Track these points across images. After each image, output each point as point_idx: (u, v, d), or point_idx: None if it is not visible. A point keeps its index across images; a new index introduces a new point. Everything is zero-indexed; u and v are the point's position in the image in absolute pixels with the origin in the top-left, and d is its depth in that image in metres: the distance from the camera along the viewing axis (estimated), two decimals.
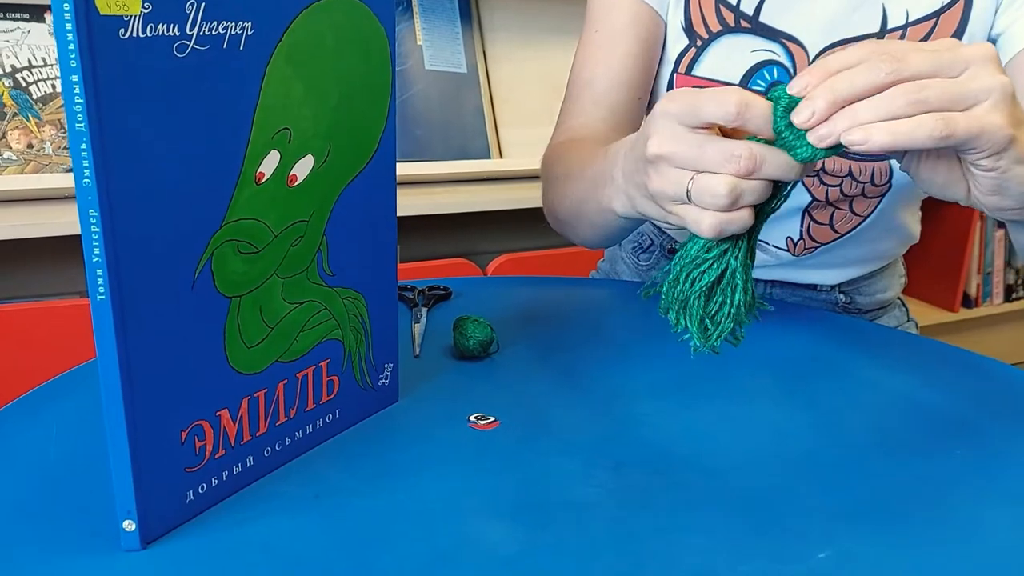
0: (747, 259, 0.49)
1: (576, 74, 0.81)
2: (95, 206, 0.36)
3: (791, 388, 0.63)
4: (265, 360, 0.47)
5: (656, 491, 0.49)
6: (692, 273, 0.48)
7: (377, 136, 0.52)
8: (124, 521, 0.41)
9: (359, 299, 0.53)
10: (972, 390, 0.65)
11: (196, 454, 0.44)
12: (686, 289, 0.49)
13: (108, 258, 0.37)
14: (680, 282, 0.49)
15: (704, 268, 0.48)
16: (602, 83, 0.78)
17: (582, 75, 0.80)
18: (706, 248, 0.48)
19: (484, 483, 0.49)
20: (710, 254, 0.48)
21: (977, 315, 2.18)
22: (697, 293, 0.48)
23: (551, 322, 0.76)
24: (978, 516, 0.48)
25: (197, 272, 0.42)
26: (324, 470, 0.50)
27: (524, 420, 0.57)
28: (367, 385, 0.55)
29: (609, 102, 0.78)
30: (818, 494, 0.49)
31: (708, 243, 0.48)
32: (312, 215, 0.48)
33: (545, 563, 0.42)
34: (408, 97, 1.43)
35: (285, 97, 0.44)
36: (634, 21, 0.77)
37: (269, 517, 0.45)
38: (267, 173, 0.44)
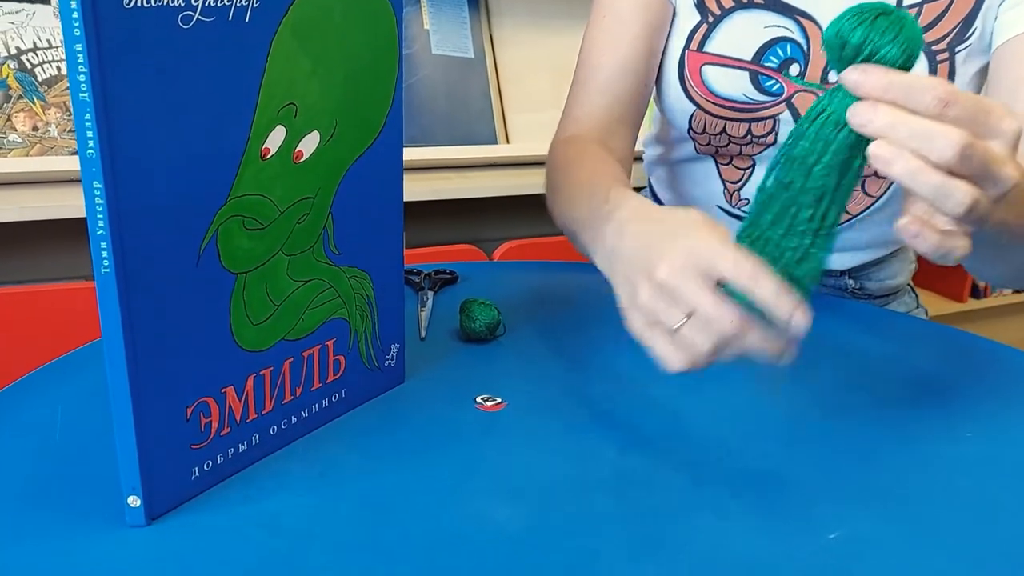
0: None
1: (583, 60, 0.81)
2: (99, 178, 0.36)
3: (800, 372, 0.63)
4: (271, 338, 0.47)
5: (663, 471, 0.48)
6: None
7: (383, 114, 0.51)
8: (129, 497, 0.41)
9: (365, 278, 0.53)
10: (982, 375, 0.64)
11: (201, 431, 0.43)
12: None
13: (112, 231, 0.37)
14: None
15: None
16: (607, 70, 0.78)
17: (588, 61, 0.80)
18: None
19: (491, 463, 0.48)
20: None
21: (986, 305, 2.17)
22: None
23: (558, 306, 0.75)
24: (987, 498, 0.47)
25: (202, 247, 0.41)
26: (330, 449, 0.49)
27: (531, 401, 0.56)
28: (373, 365, 0.55)
29: (614, 90, 0.78)
30: (827, 475, 0.49)
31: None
32: (318, 192, 0.48)
33: (551, 541, 0.41)
34: (414, 82, 1.42)
35: (291, 72, 0.44)
36: (643, 7, 0.76)
37: (275, 494, 0.45)
38: (273, 148, 0.44)
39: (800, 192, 0.44)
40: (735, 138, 0.78)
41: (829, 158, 0.43)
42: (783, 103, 0.75)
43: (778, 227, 0.46)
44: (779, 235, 0.45)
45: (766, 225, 0.46)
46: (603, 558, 0.40)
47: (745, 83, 0.74)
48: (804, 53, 0.74)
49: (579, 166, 0.71)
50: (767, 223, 0.46)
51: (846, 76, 0.41)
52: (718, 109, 0.76)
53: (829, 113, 0.43)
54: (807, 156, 0.43)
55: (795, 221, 0.45)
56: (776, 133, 0.76)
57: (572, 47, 0.85)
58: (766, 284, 0.43)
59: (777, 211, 0.45)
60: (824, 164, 0.43)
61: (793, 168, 0.44)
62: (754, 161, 0.80)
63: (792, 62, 0.74)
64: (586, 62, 0.80)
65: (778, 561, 0.41)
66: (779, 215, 0.45)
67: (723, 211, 0.84)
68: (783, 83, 0.74)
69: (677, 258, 0.46)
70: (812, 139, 0.43)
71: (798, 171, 0.44)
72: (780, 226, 0.45)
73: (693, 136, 0.80)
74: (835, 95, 0.43)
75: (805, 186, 0.44)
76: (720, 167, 0.83)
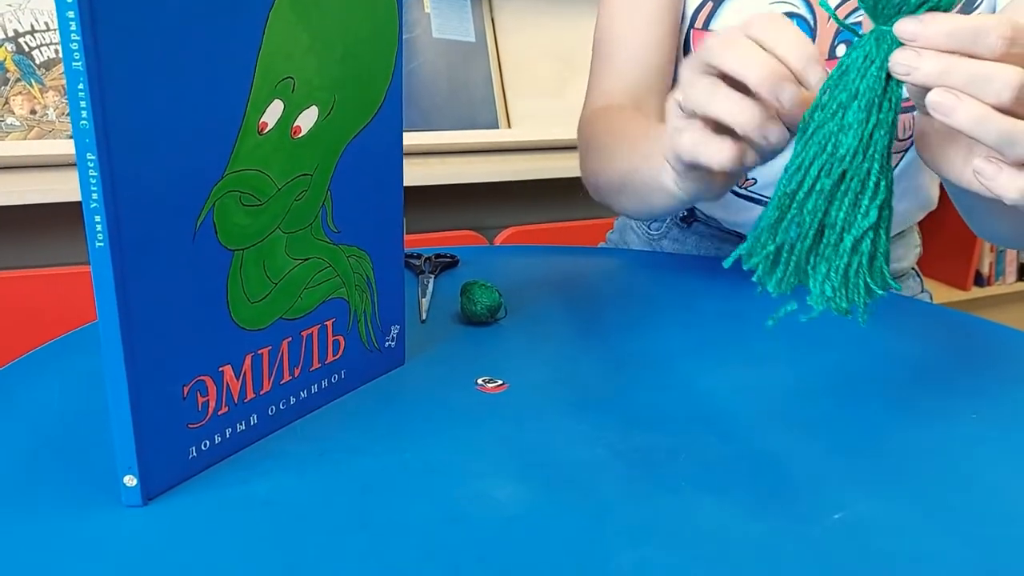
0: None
1: (604, 31, 0.78)
2: (93, 149, 0.35)
3: (806, 354, 0.62)
4: (269, 316, 0.46)
5: (666, 452, 0.48)
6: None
7: (383, 90, 0.51)
8: (125, 476, 0.40)
9: (365, 258, 0.52)
10: (988, 357, 0.63)
11: (199, 410, 0.43)
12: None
13: (107, 204, 0.36)
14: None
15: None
16: (634, 42, 0.75)
17: (612, 32, 0.77)
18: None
19: (492, 444, 0.48)
20: (868, 220, 0.43)
21: (989, 293, 2.16)
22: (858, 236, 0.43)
23: (560, 289, 0.75)
24: (994, 481, 0.47)
25: (199, 223, 0.40)
26: (330, 430, 0.49)
27: (532, 383, 0.56)
28: (373, 347, 0.55)
29: (643, 62, 0.76)
30: (833, 457, 0.48)
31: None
32: (316, 169, 0.47)
33: (553, 523, 0.41)
34: (415, 66, 1.41)
35: (289, 45, 0.43)
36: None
37: (273, 475, 0.44)
38: (270, 123, 0.43)
39: (843, 154, 0.42)
40: None
41: (880, 114, 0.41)
42: None
43: (819, 200, 0.43)
44: (822, 209, 0.43)
45: (803, 198, 0.44)
46: (604, 539, 0.40)
47: None
48: (811, 28, 0.73)
49: (619, 120, 0.68)
50: (804, 194, 0.44)
51: (901, 27, 0.38)
52: None
53: (872, 60, 0.41)
54: (848, 114, 0.41)
55: (841, 192, 0.43)
56: None
57: (574, 31, 0.84)
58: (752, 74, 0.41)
59: (815, 179, 0.43)
60: (874, 122, 0.41)
61: (832, 132, 0.42)
62: None
63: None
64: (608, 33, 0.77)
65: (781, 542, 0.40)
66: (820, 186, 0.43)
67: (730, 190, 0.83)
68: None
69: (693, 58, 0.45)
70: (852, 93, 0.41)
71: (837, 133, 0.42)
72: (820, 199, 0.43)
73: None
74: (881, 42, 0.40)
75: (851, 147, 0.42)
76: None
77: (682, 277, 0.80)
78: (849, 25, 0.43)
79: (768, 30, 0.42)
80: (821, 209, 0.44)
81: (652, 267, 0.84)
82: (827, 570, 0.38)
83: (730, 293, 0.75)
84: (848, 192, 0.43)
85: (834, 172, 0.43)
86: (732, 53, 0.42)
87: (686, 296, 0.74)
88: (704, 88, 0.43)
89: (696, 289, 0.76)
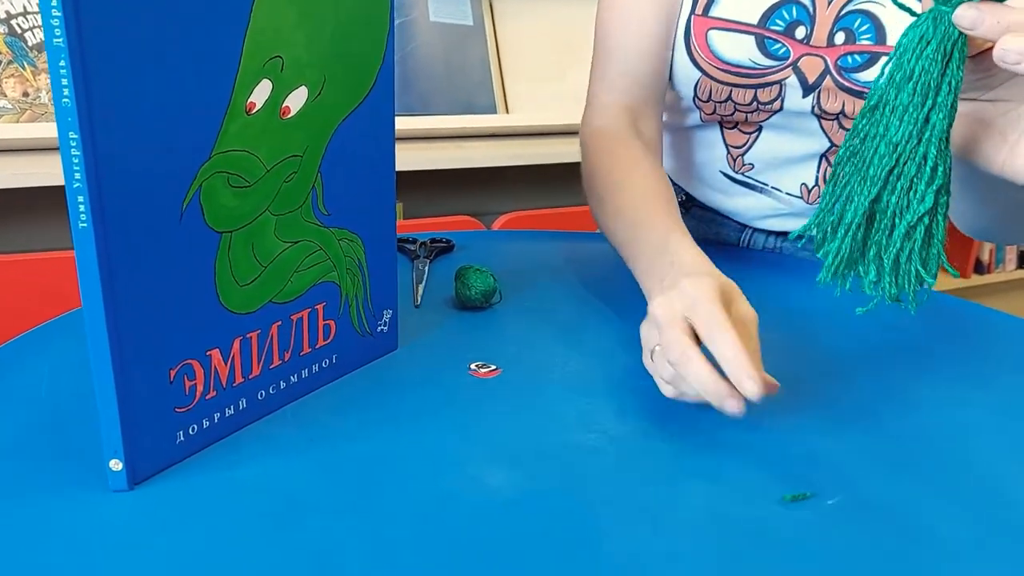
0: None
1: (600, 41, 0.79)
2: (75, 128, 0.35)
3: (803, 341, 0.62)
4: (258, 300, 0.45)
5: (660, 437, 0.47)
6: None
7: (374, 71, 0.50)
8: (111, 460, 0.40)
9: (356, 241, 0.52)
10: (987, 344, 0.63)
11: (186, 394, 0.42)
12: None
13: (90, 183, 0.35)
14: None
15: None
16: (626, 54, 0.76)
17: (607, 42, 0.78)
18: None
19: (484, 429, 0.47)
20: (924, 205, 0.42)
21: (989, 281, 2.16)
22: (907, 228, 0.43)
23: (555, 274, 0.74)
24: (992, 467, 0.46)
25: (185, 204, 0.40)
26: (320, 415, 0.48)
27: (526, 368, 0.55)
28: (365, 331, 0.54)
29: (638, 74, 0.77)
30: (829, 442, 0.48)
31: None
32: (306, 150, 0.46)
33: (545, 506, 0.40)
34: (412, 49, 1.40)
35: (277, 23, 0.42)
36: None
37: (262, 459, 0.43)
38: (258, 103, 0.42)
39: (896, 139, 0.42)
40: (741, 105, 0.76)
41: (939, 97, 0.41)
42: (789, 67, 0.73)
43: (874, 186, 0.43)
44: (879, 199, 0.43)
45: (863, 188, 0.43)
46: (596, 523, 0.39)
47: (751, 48, 0.73)
48: (810, 15, 0.72)
49: (623, 178, 0.70)
50: (863, 184, 0.43)
51: (960, 14, 0.39)
52: (724, 75, 0.74)
53: (928, 41, 0.40)
54: (903, 95, 0.41)
55: (898, 178, 0.42)
56: (782, 99, 0.75)
57: (573, 16, 0.83)
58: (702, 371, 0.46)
59: (871, 166, 0.43)
60: (930, 105, 0.41)
61: (886, 114, 0.42)
62: (760, 126, 0.79)
63: (798, 25, 0.72)
64: (605, 43, 0.78)
65: (774, 527, 0.40)
66: (873, 171, 0.43)
67: (726, 176, 0.83)
68: (789, 46, 0.73)
69: (670, 298, 0.50)
70: (907, 74, 0.41)
71: (890, 116, 0.41)
72: (875, 185, 0.43)
73: (699, 104, 0.78)
74: (939, 23, 0.40)
75: (906, 131, 0.41)
76: (725, 131, 0.81)
77: None
78: (905, 5, 0.42)
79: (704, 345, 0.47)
80: (873, 193, 0.43)
81: None
82: (820, 555, 0.38)
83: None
84: (902, 176, 0.42)
85: (887, 155, 0.42)
86: (689, 374, 0.46)
87: None
88: (679, 356, 0.47)
89: None
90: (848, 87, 0.72)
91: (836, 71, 0.72)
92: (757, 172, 0.81)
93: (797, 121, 0.76)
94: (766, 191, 0.82)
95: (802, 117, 0.75)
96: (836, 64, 0.72)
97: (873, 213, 0.44)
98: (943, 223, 0.43)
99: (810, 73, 0.73)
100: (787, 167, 0.80)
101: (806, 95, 0.74)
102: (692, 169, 0.86)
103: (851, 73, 0.72)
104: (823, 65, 0.72)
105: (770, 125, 0.78)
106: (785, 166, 0.80)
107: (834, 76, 0.72)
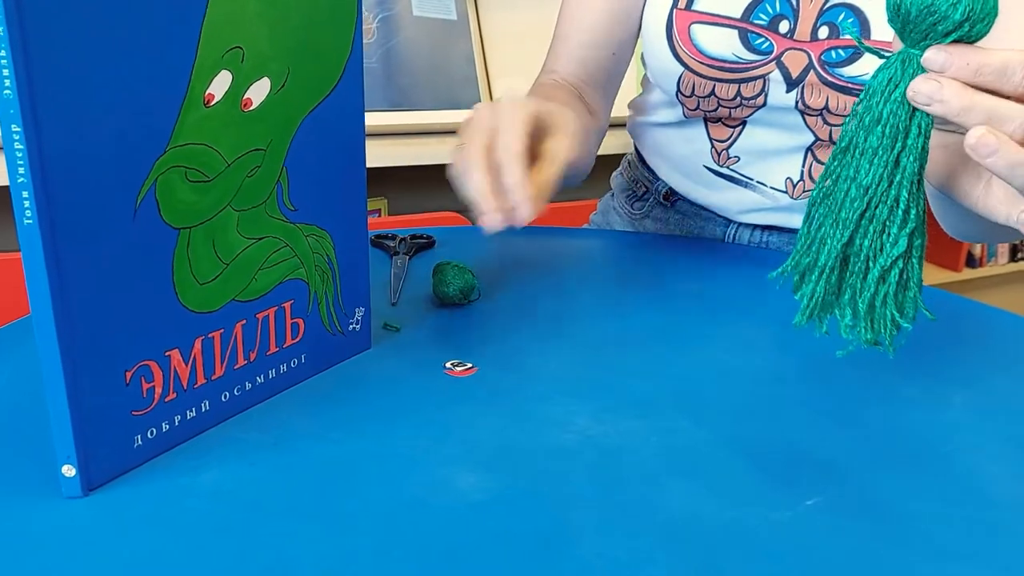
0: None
1: (558, 23, 0.82)
2: (17, 120, 0.33)
3: (786, 338, 0.60)
4: (220, 298, 0.44)
5: (639, 437, 0.46)
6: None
7: (342, 63, 0.48)
8: (63, 466, 0.38)
9: (325, 237, 0.50)
10: (974, 339, 0.62)
11: (143, 397, 0.41)
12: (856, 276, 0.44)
13: (35, 178, 0.34)
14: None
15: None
16: (576, 39, 0.79)
17: (560, 27, 0.81)
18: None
19: (458, 430, 0.46)
20: (897, 248, 0.42)
21: (981, 275, 2.15)
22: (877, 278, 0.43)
23: (538, 270, 0.73)
24: (976, 466, 0.45)
25: (139, 199, 0.38)
26: (287, 416, 0.47)
27: (503, 367, 0.54)
28: (336, 330, 0.53)
29: (581, 58, 0.79)
30: (810, 442, 0.46)
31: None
32: (270, 144, 0.45)
33: (516, 510, 0.39)
34: (395, 44, 1.38)
35: (236, 13, 0.41)
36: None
37: (225, 464, 0.42)
38: (217, 95, 0.41)
39: (867, 182, 0.41)
40: (724, 100, 0.75)
41: (908, 140, 0.40)
42: (773, 62, 0.72)
43: (845, 229, 0.42)
44: (845, 240, 0.42)
45: (829, 228, 0.43)
46: (570, 527, 0.38)
47: (735, 42, 0.72)
48: (793, 8, 0.71)
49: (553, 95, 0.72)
50: (829, 227, 0.43)
51: (929, 57, 0.38)
52: (707, 70, 0.73)
53: (897, 84, 0.40)
54: (871, 138, 0.40)
55: (868, 221, 0.42)
56: (766, 94, 0.73)
57: (557, 9, 0.83)
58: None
59: (842, 209, 0.42)
60: (900, 148, 0.40)
61: (856, 156, 0.41)
62: (744, 121, 0.77)
63: (782, 19, 0.71)
64: (559, 27, 0.81)
65: (751, 529, 0.38)
66: (845, 214, 0.42)
67: (710, 170, 0.81)
68: (773, 41, 0.71)
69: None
70: (876, 117, 0.40)
71: (860, 159, 0.41)
72: (846, 228, 0.42)
73: (681, 100, 0.77)
74: (907, 65, 0.39)
75: (876, 174, 0.41)
76: (709, 126, 0.80)
77: (662, 257, 0.78)
78: (873, 49, 0.42)
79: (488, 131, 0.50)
80: (845, 237, 0.43)
81: (632, 247, 0.82)
82: (795, 557, 0.37)
83: (709, 274, 0.73)
84: (874, 220, 0.42)
85: (858, 198, 0.42)
86: (470, 180, 0.50)
87: (665, 277, 0.72)
88: (463, 163, 0.51)
89: (675, 269, 0.74)
90: (832, 82, 0.71)
91: (820, 66, 0.71)
92: (742, 166, 0.80)
93: (781, 116, 0.75)
94: (751, 185, 0.80)
95: (786, 112, 0.74)
96: (820, 59, 0.71)
97: (847, 256, 0.43)
98: (919, 266, 0.43)
99: (794, 68, 0.72)
100: (772, 161, 0.78)
101: (790, 90, 0.73)
102: (676, 164, 0.84)
103: (835, 68, 0.71)
104: (807, 59, 0.71)
105: (754, 120, 0.76)
106: (770, 159, 0.78)
107: (818, 71, 0.71)
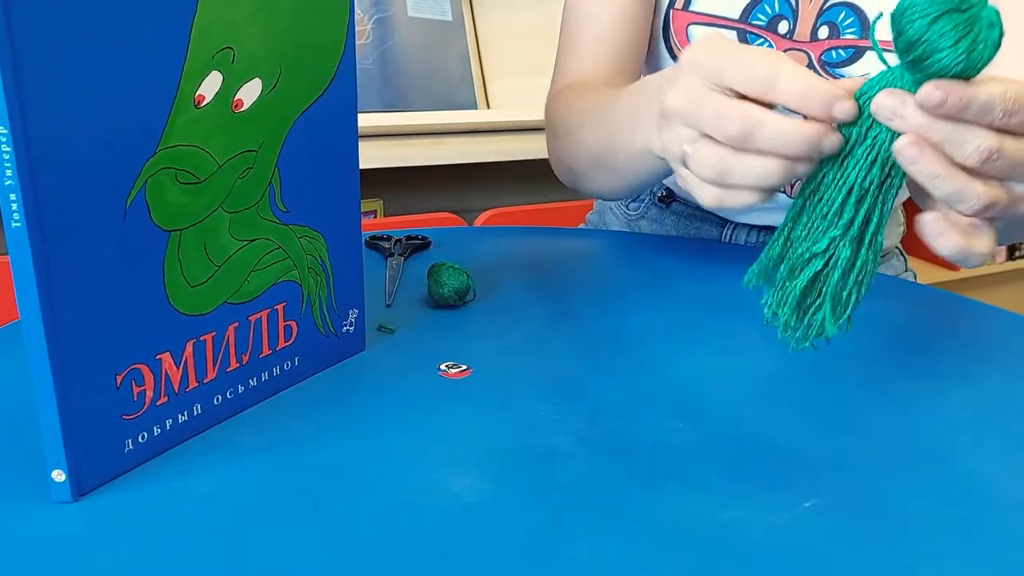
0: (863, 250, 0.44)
1: (574, 8, 0.75)
2: (4, 121, 0.33)
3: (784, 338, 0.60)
4: (212, 301, 0.44)
5: (633, 438, 0.46)
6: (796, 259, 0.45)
7: (334, 63, 0.48)
8: (53, 471, 0.38)
9: (318, 239, 0.50)
10: (972, 337, 0.62)
11: (134, 400, 0.40)
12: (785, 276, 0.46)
13: (22, 181, 0.34)
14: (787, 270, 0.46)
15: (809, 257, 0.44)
16: (606, 20, 0.72)
17: (582, 9, 0.74)
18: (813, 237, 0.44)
19: (452, 432, 0.46)
20: (817, 247, 0.43)
21: (978, 273, 2.15)
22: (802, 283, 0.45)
23: (533, 271, 0.72)
24: (976, 465, 0.45)
25: (129, 201, 0.38)
26: (280, 419, 0.47)
27: (498, 368, 0.53)
28: (329, 332, 0.52)
29: (615, 42, 0.72)
30: (807, 442, 0.46)
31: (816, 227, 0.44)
32: (262, 145, 0.44)
33: (510, 513, 0.39)
34: (390, 45, 1.38)
35: (227, 13, 0.40)
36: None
37: (217, 467, 0.42)
38: (208, 96, 0.41)
39: (835, 189, 0.43)
40: None
41: (860, 150, 0.41)
42: None
43: (814, 231, 0.44)
44: (809, 243, 0.44)
45: (800, 230, 0.45)
46: (563, 529, 0.38)
47: None
48: (792, 9, 0.70)
49: (592, 96, 0.65)
50: (801, 228, 0.45)
51: (926, 95, 0.38)
52: None
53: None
54: (864, 152, 0.42)
55: (831, 223, 0.43)
56: None
57: (553, 10, 0.81)
58: (790, 80, 0.40)
59: (812, 212, 0.44)
60: (846, 155, 0.42)
61: (833, 164, 0.43)
62: None
63: (781, 19, 0.71)
64: (578, 10, 0.74)
65: (747, 531, 0.38)
66: (813, 217, 0.44)
67: None
68: (772, 41, 0.71)
69: (681, 81, 0.42)
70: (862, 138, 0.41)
71: (842, 167, 0.42)
72: (816, 231, 0.44)
73: None
74: (895, 82, 0.40)
75: (824, 174, 0.43)
76: None
77: (658, 258, 0.77)
78: (879, 47, 0.42)
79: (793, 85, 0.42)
80: (789, 224, 0.46)
81: (628, 248, 0.82)
82: (791, 559, 0.36)
83: (705, 274, 0.73)
84: (813, 215, 0.44)
85: (804, 192, 0.44)
86: (766, 130, 0.41)
87: (661, 278, 0.72)
88: (739, 119, 0.41)
89: (671, 270, 0.74)
90: None
91: (820, 66, 0.71)
92: None
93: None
94: None
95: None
96: (820, 59, 0.71)
97: (790, 241, 0.46)
98: (840, 279, 0.44)
99: None
100: None
101: None
102: None
103: (835, 68, 0.70)
104: (806, 60, 0.71)
105: None
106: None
107: (818, 71, 0.71)
